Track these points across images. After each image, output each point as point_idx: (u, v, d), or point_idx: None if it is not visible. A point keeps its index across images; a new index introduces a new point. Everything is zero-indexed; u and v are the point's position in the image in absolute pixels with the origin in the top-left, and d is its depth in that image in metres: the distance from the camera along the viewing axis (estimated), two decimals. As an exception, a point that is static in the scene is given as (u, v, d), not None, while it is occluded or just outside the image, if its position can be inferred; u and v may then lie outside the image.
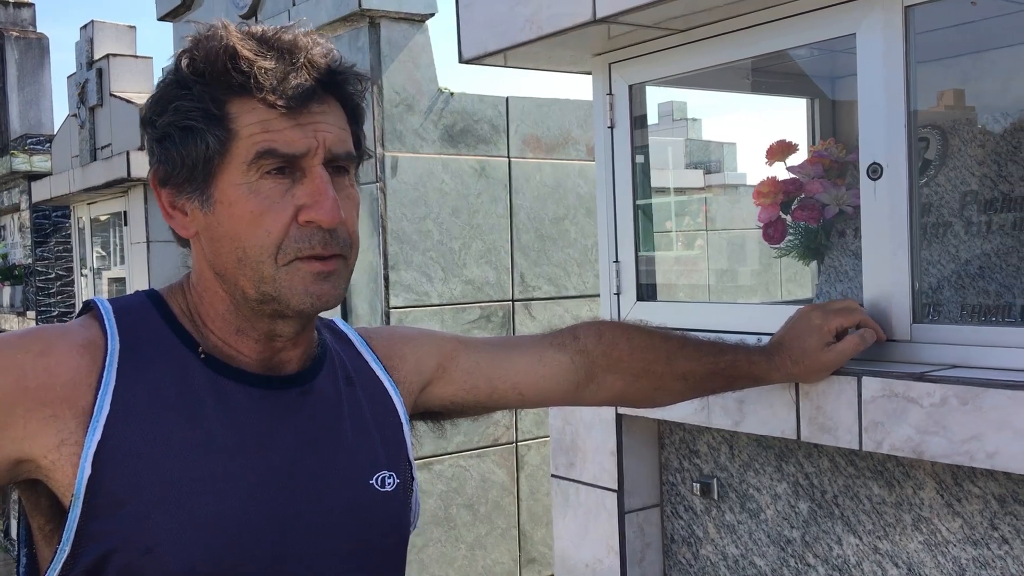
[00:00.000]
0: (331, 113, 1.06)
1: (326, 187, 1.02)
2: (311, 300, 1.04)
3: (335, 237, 1.04)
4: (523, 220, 4.10)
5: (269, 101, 1.00)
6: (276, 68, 1.00)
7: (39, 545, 1.05)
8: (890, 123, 1.55)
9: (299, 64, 1.02)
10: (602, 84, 2.03)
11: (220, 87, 1.01)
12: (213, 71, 1.01)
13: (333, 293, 1.05)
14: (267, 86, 0.99)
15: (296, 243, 1.02)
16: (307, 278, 1.03)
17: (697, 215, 4.54)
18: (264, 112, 1.01)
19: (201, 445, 1.02)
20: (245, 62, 1.00)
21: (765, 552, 1.88)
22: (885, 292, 1.58)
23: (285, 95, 1.00)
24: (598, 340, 1.41)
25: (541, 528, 4.15)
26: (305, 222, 1.02)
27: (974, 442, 1.38)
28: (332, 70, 1.05)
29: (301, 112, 1.02)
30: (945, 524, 1.58)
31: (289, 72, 1.01)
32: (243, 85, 1.00)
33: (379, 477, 1.14)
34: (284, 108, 1.00)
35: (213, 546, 0.99)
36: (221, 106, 1.01)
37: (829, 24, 1.63)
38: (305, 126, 1.02)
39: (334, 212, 1.02)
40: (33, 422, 0.98)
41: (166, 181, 1.06)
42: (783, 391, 1.63)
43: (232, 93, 1.01)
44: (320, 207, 1.02)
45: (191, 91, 1.02)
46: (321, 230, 1.02)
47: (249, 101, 1.01)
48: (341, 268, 1.06)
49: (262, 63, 1.00)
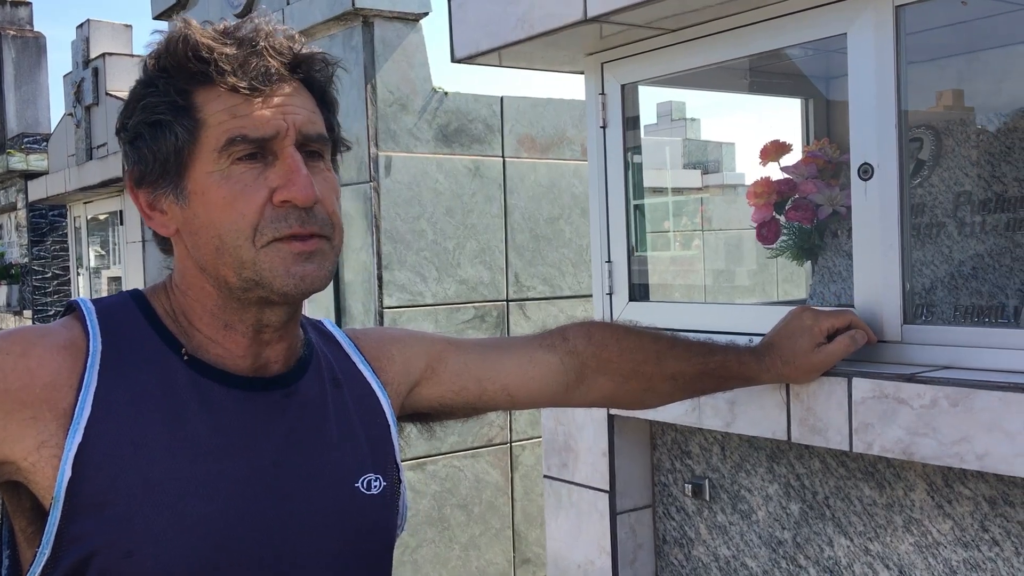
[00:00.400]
0: (298, 95, 1.05)
1: (298, 165, 1.02)
2: (294, 281, 1.03)
3: (312, 216, 1.03)
4: (518, 220, 4.10)
5: (231, 84, 1.00)
6: (237, 53, 1.01)
7: (21, 547, 1.05)
8: (881, 123, 1.54)
9: (259, 48, 1.02)
10: (594, 84, 2.03)
11: (184, 78, 1.02)
12: (175, 63, 1.01)
13: (318, 274, 1.04)
14: (228, 70, 1.00)
15: (272, 223, 1.01)
16: (288, 258, 1.02)
17: (694, 215, 4.53)
18: (229, 98, 1.01)
19: (184, 447, 1.01)
20: (205, 49, 1.00)
21: (757, 553, 1.87)
22: (876, 293, 1.57)
23: (247, 77, 1.00)
24: (588, 341, 1.40)
25: (535, 529, 4.14)
26: (280, 202, 1.01)
27: (964, 444, 1.37)
28: (294, 52, 1.05)
29: (267, 95, 1.01)
30: (936, 526, 1.58)
31: (250, 56, 1.01)
32: (205, 73, 1.00)
33: (365, 480, 1.13)
34: (247, 90, 1.00)
35: (195, 549, 0.98)
36: (187, 96, 1.02)
37: (820, 24, 1.62)
38: (273, 108, 1.02)
39: (307, 189, 1.01)
40: (13, 424, 0.97)
41: (141, 181, 1.06)
42: (774, 392, 1.62)
43: (196, 83, 1.02)
44: (293, 184, 1.01)
45: (157, 87, 1.02)
46: (297, 209, 1.02)
47: (214, 89, 1.01)
48: (325, 248, 1.05)
49: (222, 50, 1.00)
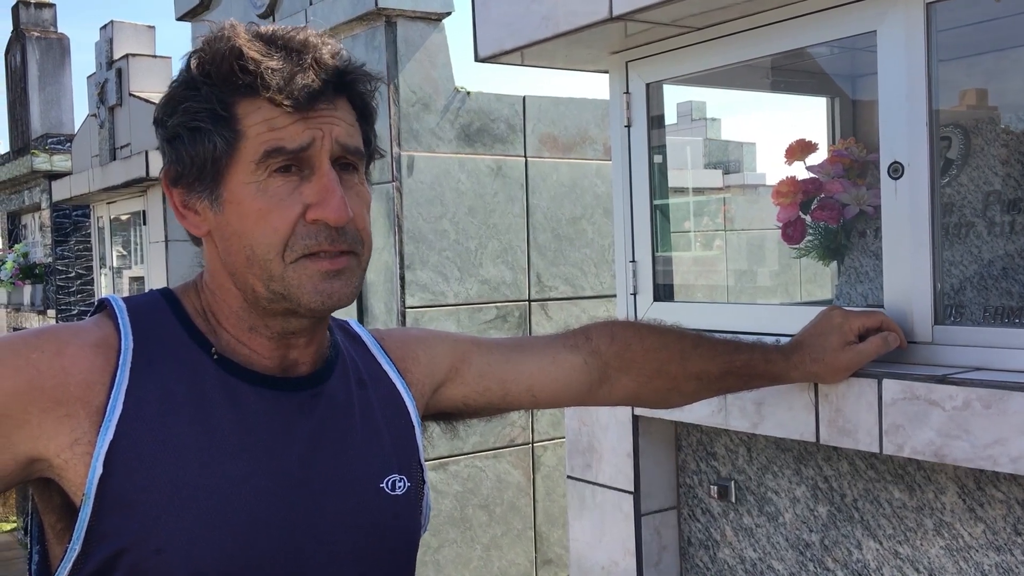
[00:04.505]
0: (340, 111, 1.05)
1: (333, 185, 1.02)
2: (321, 299, 1.03)
3: (343, 234, 1.03)
4: (540, 220, 4.09)
5: (276, 101, 1.00)
6: (283, 68, 1.00)
7: (51, 543, 1.05)
8: (911, 121, 1.53)
9: (306, 64, 1.01)
10: (619, 82, 2.02)
11: (227, 88, 1.01)
12: (220, 72, 1.01)
13: (344, 291, 1.05)
14: (273, 86, 0.99)
15: (303, 240, 1.02)
16: (315, 276, 1.03)
17: (716, 215, 4.50)
18: (270, 111, 1.01)
19: (212, 446, 1.01)
20: (252, 63, 1.00)
21: (784, 556, 1.86)
22: (906, 293, 1.56)
23: (292, 95, 1.00)
24: (611, 341, 1.40)
25: (557, 529, 4.13)
26: (313, 220, 1.02)
27: (997, 446, 1.36)
28: (340, 70, 1.05)
29: (308, 111, 1.01)
30: (967, 529, 1.56)
31: (296, 72, 1.00)
32: (250, 85, 1.00)
33: (389, 480, 1.13)
34: (290, 108, 1.00)
35: (223, 548, 0.98)
36: (228, 107, 1.01)
37: (849, 21, 1.61)
38: (311, 121, 1.02)
39: (341, 210, 1.01)
40: (48, 421, 0.98)
41: (177, 181, 1.07)
42: (802, 393, 1.61)
43: (239, 94, 1.01)
44: (327, 204, 1.01)
45: (199, 92, 1.02)
46: (328, 227, 1.02)
47: (256, 101, 1.01)
48: (352, 265, 1.06)
49: (268, 63, 1.00)
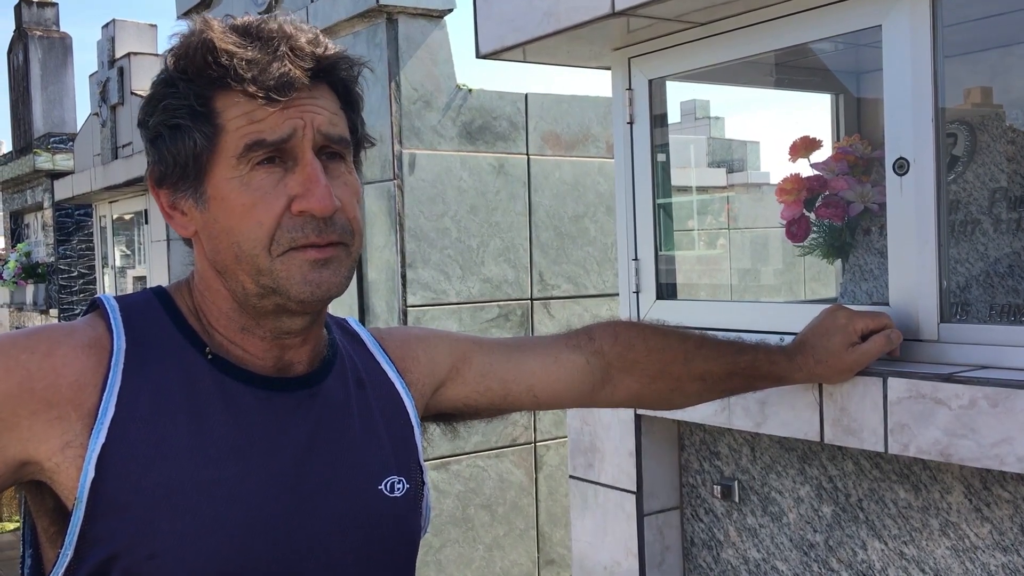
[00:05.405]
0: (321, 99, 1.03)
1: (317, 175, 1.00)
2: (311, 289, 1.01)
3: (332, 225, 1.01)
4: (542, 218, 4.07)
5: (250, 92, 0.98)
6: (257, 58, 0.98)
7: (44, 547, 1.04)
8: (917, 117, 1.51)
9: (281, 53, 0.99)
10: (621, 79, 2.00)
11: (203, 83, 1.00)
12: (195, 67, 0.99)
13: (333, 280, 1.03)
14: (247, 77, 0.97)
15: (289, 233, 1.00)
16: (304, 267, 1.01)
17: (719, 214, 4.49)
18: (248, 104, 0.99)
19: (206, 448, 1.00)
20: (224, 55, 0.98)
21: (787, 556, 1.84)
22: (911, 291, 1.54)
23: (266, 85, 0.98)
24: (614, 341, 1.38)
25: (560, 529, 4.12)
26: (299, 212, 1.00)
27: (1004, 445, 1.34)
28: (318, 56, 1.02)
29: (287, 101, 0.99)
30: (974, 529, 1.54)
31: (271, 61, 0.98)
32: (224, 78, 0.98)
33: (388, 482, 1.11)
34: (265, 99, 0.98)
35: (217, 552, 0.97)
36: (205, 102, 1.00)
37: (854, 16, 1.59)
38: (291, 111, 1.00)
39: (326, 199, 1.00)
40: (39, 424, 0.96)
41: (162, 181, 1.05)
42: (806, 392, 1.59)
43: (215, 87, 0.99)
44: (311, 195, 0.99)
45: (177, 89, 1.00)
46: (315, 219, 1.00)
47: (233, 94, 0.99)
48: (341, 255, 1.04)
49: (242, 54, 0.98)
